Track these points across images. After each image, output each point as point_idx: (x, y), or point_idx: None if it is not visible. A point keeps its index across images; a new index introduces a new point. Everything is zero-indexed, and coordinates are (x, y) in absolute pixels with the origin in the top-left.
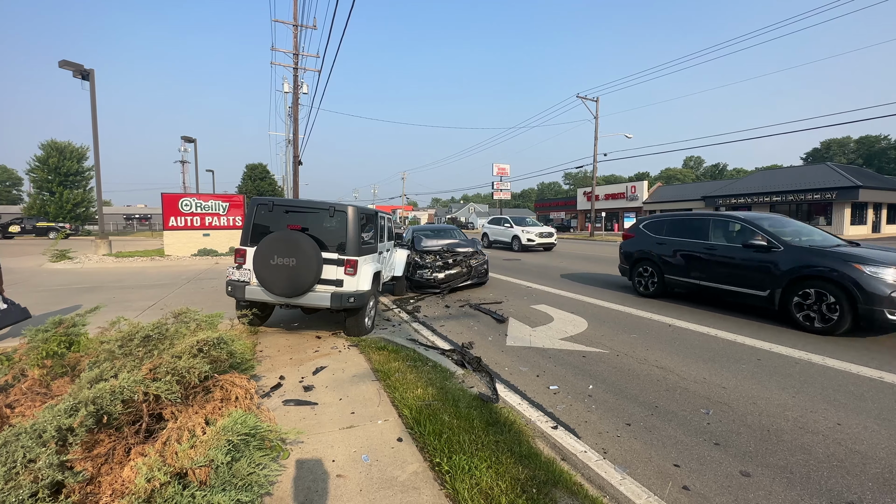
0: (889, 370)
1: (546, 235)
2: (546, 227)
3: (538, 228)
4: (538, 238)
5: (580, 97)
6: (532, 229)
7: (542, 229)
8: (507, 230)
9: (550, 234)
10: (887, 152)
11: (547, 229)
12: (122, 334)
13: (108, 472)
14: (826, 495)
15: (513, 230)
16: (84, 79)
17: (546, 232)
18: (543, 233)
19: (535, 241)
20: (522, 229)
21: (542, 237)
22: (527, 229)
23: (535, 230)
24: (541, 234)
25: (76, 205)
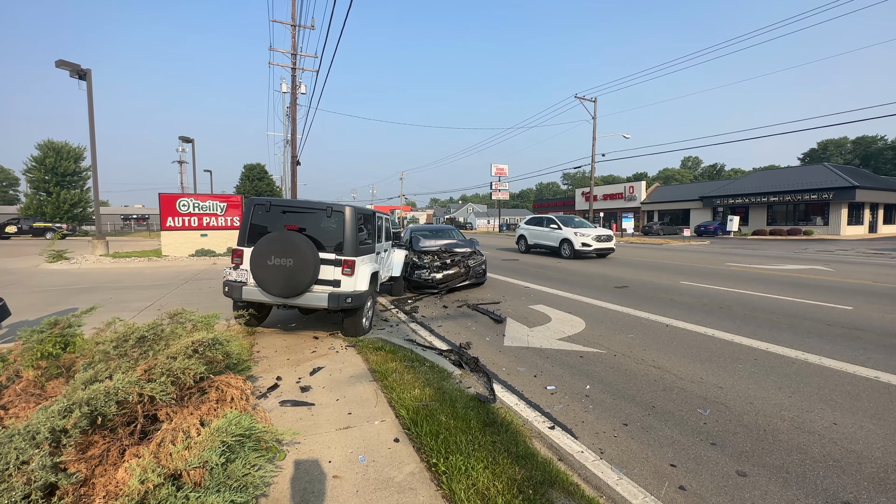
0: (885, 370)
1: (604, 239)
2: (603, 229)
3: (594, 231)
4: (595, 242)
5: (578, 97)
6: (587, 231)
7: (599, 231)
8: (554, 232)
9: (609, 237)
10: (884, 153)
11: (605, 232)
12: (118, 335)
13: (101, 474)
14: (822, 495)
15: (562, 232)
16: (81, 78)
17: (604, 235)
18: (601, 236)
19: (592, 245)
20: (575, 231)
21: (601, 241)
22: (581, 231)
23: (591, 232)
24: (598, 237)
25: (73, 205)
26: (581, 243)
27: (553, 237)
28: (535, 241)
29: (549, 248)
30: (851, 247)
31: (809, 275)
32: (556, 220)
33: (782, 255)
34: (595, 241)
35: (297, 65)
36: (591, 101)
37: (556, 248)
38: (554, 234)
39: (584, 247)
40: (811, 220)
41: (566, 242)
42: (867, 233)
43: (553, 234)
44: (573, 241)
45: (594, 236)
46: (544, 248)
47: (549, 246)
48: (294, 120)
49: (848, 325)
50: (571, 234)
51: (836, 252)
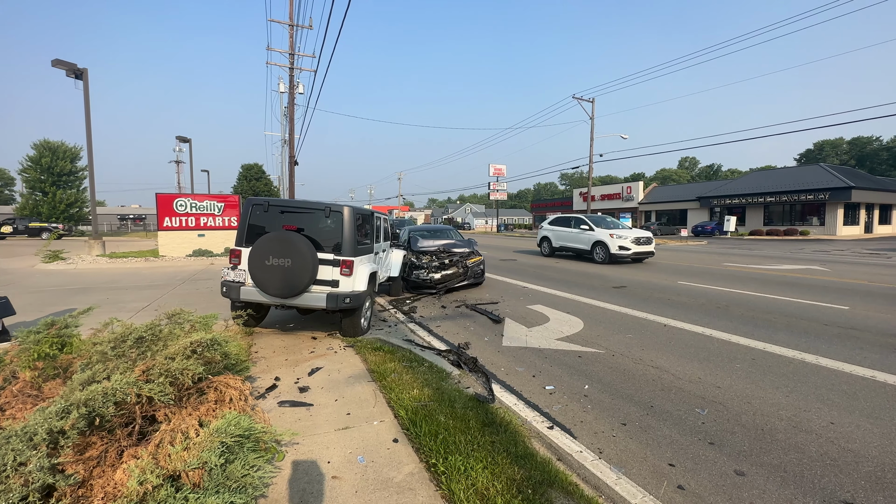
0: (881, 369)
1: (644, 242)
2: (641, 230)
3: (632, 232)
4: (634, 245)
5: (576, 98)
6: (624, 233)
7: (637, 233)
8: (584, 234)
9: (649, 240)
10: (879, 153)
11: (644, 234)
12: (115, 336)
13: (99, 475)
14: (819, 494)
15: (594, 234)
16: (77, 78)
17: (644, 237)
18: (641, 238)
19: (631, 249)
20: (611, 233)
21: (640, 244)
22: (617, 233)
23: (628, 234)
24: (637, 239)
25: (69, 205)
26: (618, 246)
27: (584, 239)
28: (562, 243)
29: (577, 252)
30: (847, 247)
31: (806, 275)
32: (586, 221)
33: (779, 256)
34: (634, 244)
35: (295, 65)
36: (589, 102)
37: (586, 251)
38: (584, 235)
39: (621, 250)
40: (807, 221)
41: (600, 245)
42: (863, 233)
43: (583, 235)
44: (608, 244)
45: (632, 238)
46: (572, 252)
47: (579, 249)
48: (292, 120)
49: (844, 325)
50: (606, 235)
51: (832, 252)
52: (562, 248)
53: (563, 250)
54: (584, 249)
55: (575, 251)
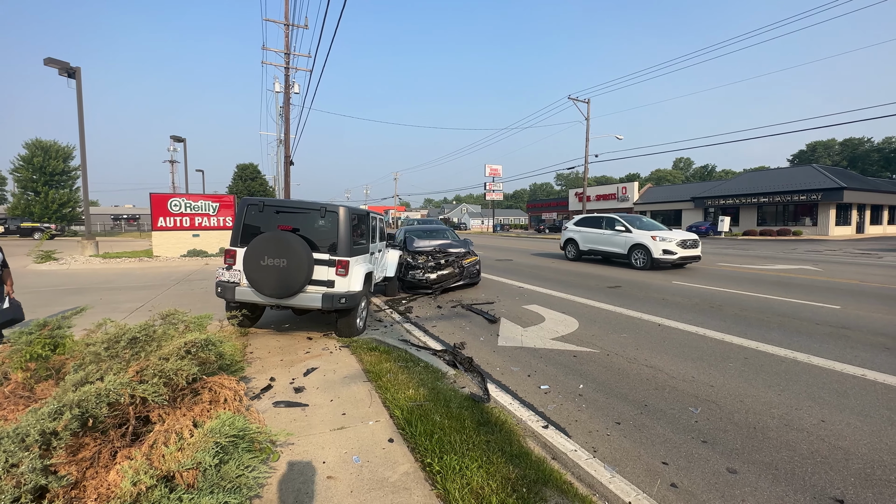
0: (871, 367)
1: (690, 245)
2: (685, 232)
3: (676, 234)
4: (680, 249)
5: (572, 98)
6: (669, 235)
7: (683, 235)
8: (619, 236)
9: (696, 242)
10: (870, 155)
11: (690, 236)
12: (109, 336)
13: (93, 476)
14: (810, 491)
15: (632, 236)
16: (70, 77)
17: (690, 240)
18: (687, 241)
19: (677, 253)
20: (653, 235)
21: (686, 248)
22: (661, 235)
23: (673, 236)
24: (683, 242)
25: (62, 205)
26: (662, 250)
27: (618, 242)
28: (591, 246)
29: (609, 256)
30: (839, 247)
31: (798, 275)
32: (621, 221)
33: (772, 255)
34: (680, 248)
35: (291, 64)
36: (585, 103)
37: (622, 255)
38: (619, 238)
39: (665, 255)
40: (800, 221)
41: (640, 249)
42: (854, 233)
43: (618, 238)
44: (651, 248)
45: (678, 241)
46: (603, 255)
47: (613, 253)
48: (287, 119)
49: (836, 324)
50: (646, 238)
51: (824, 252)
52: (591, 251)
53: (592, 254)
54: (618, 253)
55: (606, 255)
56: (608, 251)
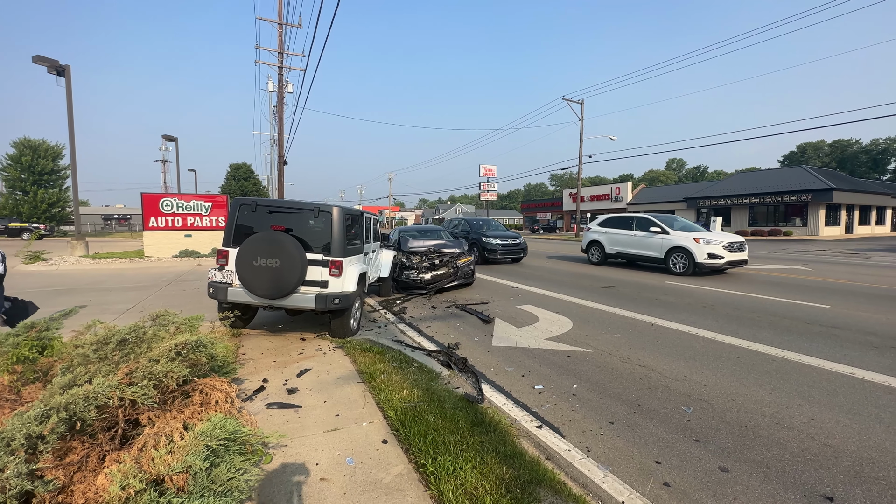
0: (860, 366)
1: (738, 248)
2: (731, 234)
3: (721, 236)
4: (728, 253)
5: (566, 99)
6: (713, 237)
7: (729, 237)
8: (654, 238)
9: (742, 245)
10: (859, 156)
11: (736, 238)
12: (97, 338)
13: (80, 481)
14: (800, 489)
15: (671, 238)
16: (59, 75)
17: (737, 243)
18: (734, 244)
19: (724, 257)
20: (695, 237)
21: (734, 251)
22: (704, 237)
23: (719, 238)
24: (731, 245)
25: (51, 205)
26: (707, 254)
27: (653, 245)
28: (619, 249)
29: (641, 260)
30: (829, 247)
31: (789, 274)
32: (656, 222)
33: (763, 255)
34: (727, 251)
35: (284, 63)
36: (578, 103)
37: (657, 259)
38: (654, 240)
39: (711, 259)
40: (791, 221)
41: (680, 252)
42: (844, 233)
43: (653, 240)
44: (694, 252)
45: (725, 244)
46: (632, 259)
47: (645, 257)
48: (281, 119)
49: (825, 324)
50: (688, 240)
51: (814, 252)
52: (619, 254)
53: (620, 257)
54: (652, 257)
55: (637, 259)
56: (640, 254)
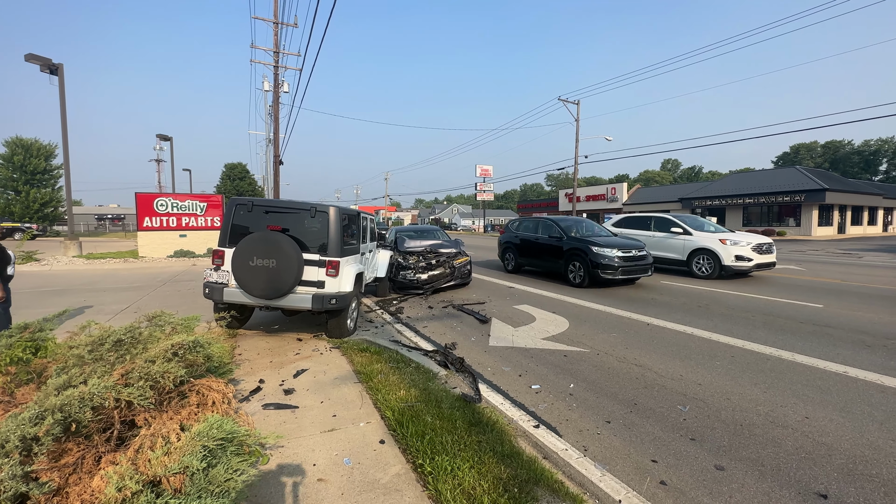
0: (852, 365)
1: (766, 250)
2: (757, 235)
3: (748, 237)
4: (757, 255)
5: (562, 100)
6: (740, 238)
7: (756, 238)
8: (675, 239)
9: (770, 246)
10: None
11: (764, 239)
12: (93, 339)
13: (76, 483)
14: (795, 486)
15: (693, 239)
16: (52, 74)
17: (766, 244)
18: (762, 245)
19: (753, 259)
20: (721, 238)
21: (763, 253)
22: (731, 238)
23: (746, 240)
24: (760, 247)
25: (44, 204)
26: (735, 256)
27: (674, 246)
28: None
29: (660, 262)
30: (822, 247)
31: (783, 274)
32: (678, 222)
33: None
34: (756, 253)
35: (280, 63)
36: (574, 104)
37: (679, 261)
38: (676, 241)
39: (738, 261)
40: (784, 222)
41: (704, 254)
42: (836, 233)
43: (674, 241)
44: (720, 254)
45: (754, 245)
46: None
47: (666, 259)
48: (276, 119)
49: (819, 323)
50: (714, 241)
51: (807, 252)
52: None
53: None
54: (674, 259)
55: (659, 261)
56: (658, 256)
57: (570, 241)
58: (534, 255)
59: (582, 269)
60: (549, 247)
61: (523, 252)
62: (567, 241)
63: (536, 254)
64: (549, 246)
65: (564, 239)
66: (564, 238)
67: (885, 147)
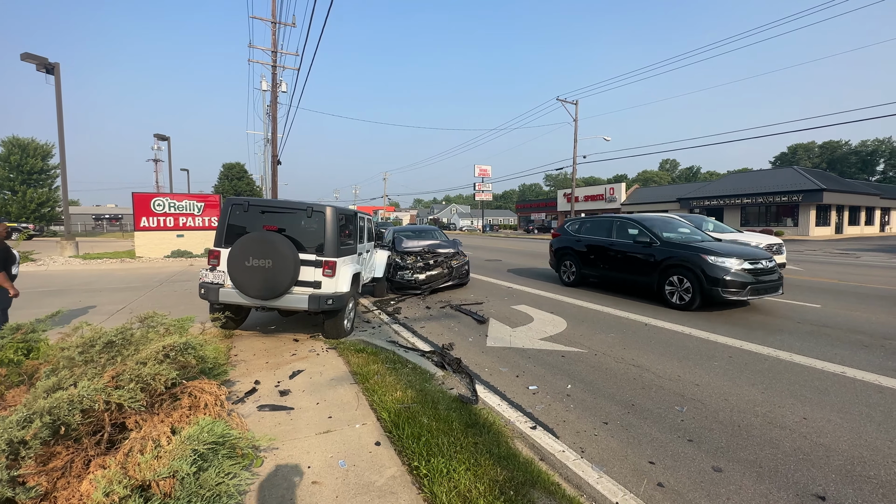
0: (850, 365)
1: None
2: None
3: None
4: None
5: (560, 100)
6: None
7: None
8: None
9: (780, 247)
10: (848, 157)
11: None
12: (84, 340)
13: (64, 487)
14: (793, 488)
15: None
16: (49, 73)
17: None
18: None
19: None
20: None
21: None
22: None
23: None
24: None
25: (40, 204)
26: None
27: None
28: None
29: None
30: (819, 247)
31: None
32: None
33: None
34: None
35: (278, 62)
36: (573, 104)
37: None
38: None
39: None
40: (782, 222)
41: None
42: (834, 233)
43: None
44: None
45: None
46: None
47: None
48: (274, 118)
49: (816, 323)
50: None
51: (805, 252)
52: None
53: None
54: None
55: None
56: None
57: (667, 248)
58: (606, 264)
59: (689, 286)
60: (631, 254)
61: (589, 260)
62: (662, 248)
63: (611, 263)
64: (632, 253)
65: (657, 245)
66: (657, 244)
67: (882, 147)
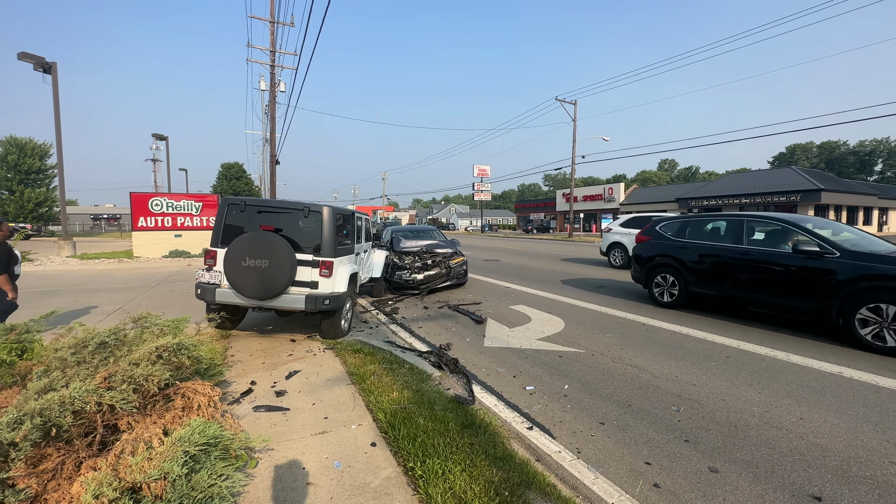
0: (847, 365)
1: None
2: None
3: None
4: None
5: (559, 100)
6: None
7: None
8: None
9: None
10: (846, 157)
11: None
12: (76, 341)
13: (55, 489)
14: (789, 489)
15: None
16: (46, 72)
17: None
18: None
19: None
20: None
21: None
22: None
23: None
24: None
25: (38, 204)
26: None
27: None
28: None
29: None
30: None
31: None
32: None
33: None
34: None
35: (276, 62)
36: (572, 104)
37: None
38: None
39: None
40: None
41: None
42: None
43: None
44: None
45: None
46: None
47: None
48: (273, 118)
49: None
50: None
51: None
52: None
53: None
54: None
55: None
56: None
57: (857, 263)
58: (735, 281)
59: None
60: (785, 269)
61: (703, 275)
62: (844, 262)
63: (744, 280)
64: (786, 268)
65: (835, 257)
66: (834, 255)
67: (880, 147)
